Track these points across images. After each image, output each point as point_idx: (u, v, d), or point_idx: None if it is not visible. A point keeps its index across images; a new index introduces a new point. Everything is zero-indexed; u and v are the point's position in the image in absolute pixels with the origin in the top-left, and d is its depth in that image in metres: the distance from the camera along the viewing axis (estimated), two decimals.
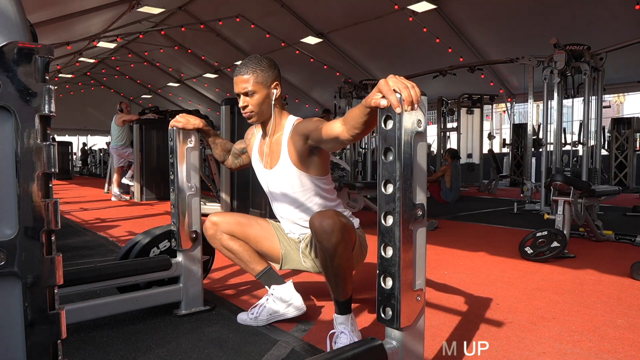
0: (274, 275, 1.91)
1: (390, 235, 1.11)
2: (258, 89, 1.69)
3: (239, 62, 11.68)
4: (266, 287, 1.91)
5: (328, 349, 1.61)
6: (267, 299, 1.88)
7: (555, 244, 3.00)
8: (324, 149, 1.65)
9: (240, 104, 1.72)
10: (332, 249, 1.50)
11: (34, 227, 0.70)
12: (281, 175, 1.76)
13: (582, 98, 5.32)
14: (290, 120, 1.77)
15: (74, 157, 19.95)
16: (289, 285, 1.89)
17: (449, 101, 9.39)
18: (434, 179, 6.68)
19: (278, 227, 1.93)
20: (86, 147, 19.08)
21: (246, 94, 1.69)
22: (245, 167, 2.08)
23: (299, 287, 2.09)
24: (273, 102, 1.73)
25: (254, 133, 1.96)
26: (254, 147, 1.92)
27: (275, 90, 1.72)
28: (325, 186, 1.80)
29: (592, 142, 5.43)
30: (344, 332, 1.61)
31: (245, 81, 1.68)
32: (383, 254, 1.13)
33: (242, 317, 1.91)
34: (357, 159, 9.42)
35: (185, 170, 1.98)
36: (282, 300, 1.86)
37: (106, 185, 8.38)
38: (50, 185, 0.73)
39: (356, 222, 1.83)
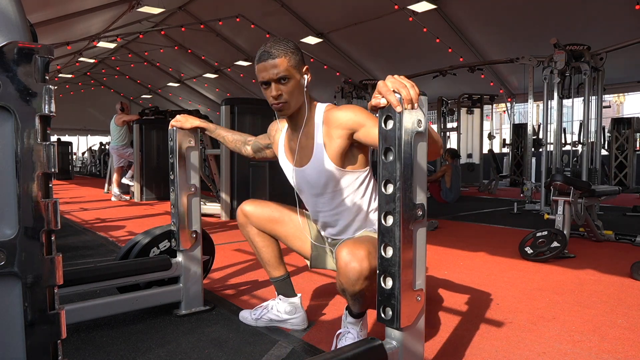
0: (288, 285, 1.86)
1: (390, 235, 1.11)
2: (292, 74, 1.46)
3: (239, 62, 11.60)
4: (276, 293, 1.88)
5: (333, 348, 1.60)
6: (272, 306, 1.86)
7: (555, 244, 3.00)
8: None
9: (273, 93, 1.46)
10: (355, 293, 1.39)
11: (34, 227, 0.70)
12: (315, 173, 1.56)
13: (582, 98, 5.32)
14: (320, 110, 1.56)
15: (82, 156, 20.01)
16: (296, 299, 1.85)
17: (449, 101, 9.39)
18: (434, 179, 6.68)
19: (311, 225, 1.80)
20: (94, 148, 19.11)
21: (278, 81, 1.45)
22: (269, 160, 1.92)
23: (302, 286, 2.10)
24: (305, 90, 1.52)
25: (279, 128, 1.78)
26: (279, 144, 1.73)
27: (306, 76, 1.51)
28: (365, 180, 1.59)
29: (592, 141, 5.44)
30: (352, 332, 1.56)
31: (277, 66, 1.44)
32: (383, 254, 1.13)
33: (244, 315, 1.90)
34: None
35: (185, 170, 1.98)
36: (286, 312, 1.84)
37: (106, 185, 8.38)
38: (50, 185, 0.73)
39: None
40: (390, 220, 1.10)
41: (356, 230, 1.64)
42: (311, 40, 10.24)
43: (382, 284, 1.14)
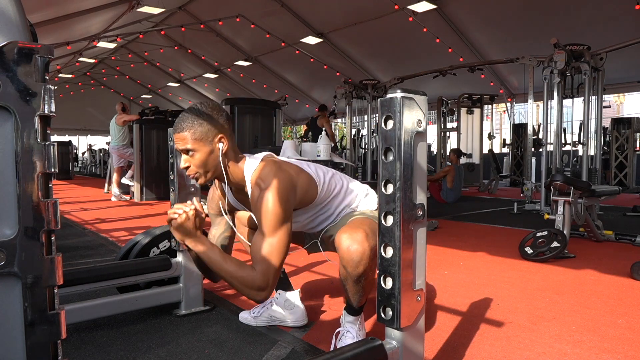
0: (284, 280, 1.90)
1: (390, 235, 1.11)
2: (198, 147, 1.42)
3: (239, 62, 11.63)
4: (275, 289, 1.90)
5: (332, 348, 1.60)
6: (271, 302, 1.88)
7: (555, 244, 3.00)
8: None
9: (181, 165, 1.46)
10: (358, 276, 1.45)
11: (34, 227, 0.70)
12: None
13: (582, 98, 5.32)
14: (249, 170, 1.50)
15: (82, 156, 20.03)
16: (295, 293, 1.87)
17: (449, 101, 9.39)
18: (435, 178, 6.69)
19: None
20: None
21: (186, 153, 1.44)
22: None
23: (301, 286, 2.09)
24: (220, 158, 1.45)
25: (216, 187, 1.73)
26: (228, 202, 1.69)
27: (220, 145, 1.44)
28: (323, 200, 1.61)
29: (592, 142, 5.44)
30: (350, 331, 1.58)
31: (183, 139, 1.42)
32: (383, 254, 1.13)
33: (244, 316, 1.91)
34: (358, 164, 9.43)
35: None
36: (284, 307, 1.86)
37: (106, 185, 8.39)
38: (50, 185, 0.73)
39: (373, 201, 1.70)
40: (390, 220, 1.10)
41: (336, 218, 1.68)
42: (311, 40, 10.24)
43: (382, 284, 1.13)
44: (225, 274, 1.33)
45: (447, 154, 8.77)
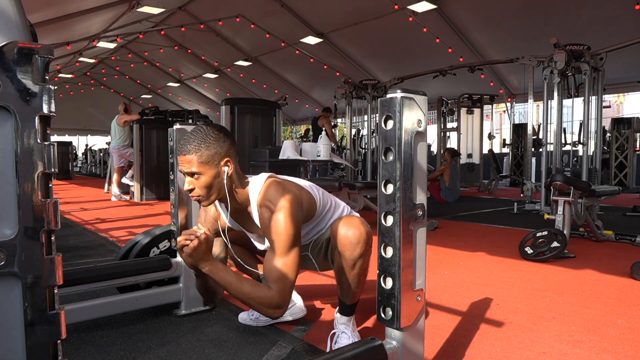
0: None
1: (390, 235, 1.11)
2: (204, 170, 1.41)
3: (239, 62, 11.63)
4: None
5: (328, 349, 1.61)
6: None
7: (555, 244, 3.00)
8: None
9: (186, 187, 1.45)
10: (355, 259, 1.50)
11: (34, 227, 0.70)
12: None
13: (582, 98, 5.32)
14: (254, 191, 1.51)
15: (82, 156, 20.04)
16: None
17: (449, 101, 9.39)
18: (431, 178, 6.68)
19: None
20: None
21: (192, 175, 1.43)
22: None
23: (300, 287, 2.09)
24: (225, 182, 1.45)
25: (209, 208, 1.70)
26: (228, 222, 1.68)
27: (226, 168, 1.45)
28: (320, 215, 1.65)
29: (592, 142, 5.44)
30: (345, 332, 1.62)
31: (189, 162, 1.41)
32: (383, 254, 1.13)
33: (243, 317, 1.91)
34: (357, 158, 9.43)
35: None
36: None
37: (106, 185, 8.39)
38: (50, 185, 0.73)
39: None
40: (390, 220, 1.11)
41: (325, 227, 1.70)
42: (311, 40, 10.24)
43: (382, 284, 1.14)
44: (242, 294, 1.34)
45: (442, 152, 8.80)
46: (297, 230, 1.43)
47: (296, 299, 1.92)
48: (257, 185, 1.52)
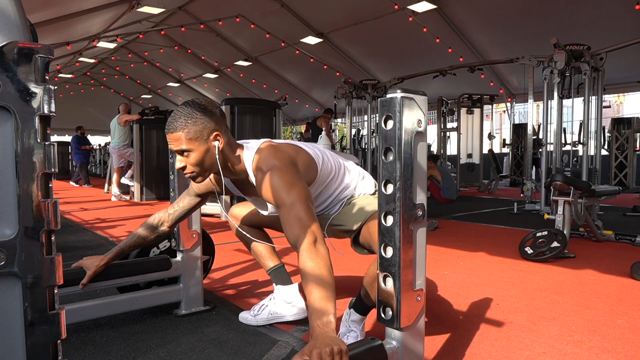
0: (283, 274, 1.91)
1: (390, 235, 1.11)
2: (193, 147, 1.38)
3: (239, 62, 11.61)
4: (273, 284, 1.92)
5: None
6: (270, 298, 1.89)
7: (555, 244, 3.00)
8: None
9: (177, 165, 1.43)
10: None
11: (34, 227, 0.70)
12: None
13: (582, 98, 5.32)
14: (248, 161, 1.47)
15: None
16: (294, 287, 1.88)
17: (449, 101, 9.39)
18: None
19: None
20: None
21: (181, 153, 1.40)
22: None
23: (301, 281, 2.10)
24: (217, 157, 1.41)
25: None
26: (226, 186, 1.64)
27: (216, 142, 1.41)
28: (323, 184, 1.58)
29: (592, 142, 5.44)
30: (355, 330, 1.59)
31: (177, 139, 1.38)
32: (383, 253, 1.13)
33: (244, 316, 1.91)
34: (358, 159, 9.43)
35: None
36: (284, 302, 1.86)
37: (106, 185, 8.39)
38: (50, 185, 0.73)
39: (370, 184, 1.70)
40: (390, 220, 1.11)
41: (338, 203, 1.66)
42: (311, 40, 10.24)
43: (382, 284, 1.14)
44: (327, 292, 1.16)
45: (441, 152, 8.82)
46: (294, 174, 1.37)
47: (297, 300, 1.89)
48: (250, 152, 1.48)
